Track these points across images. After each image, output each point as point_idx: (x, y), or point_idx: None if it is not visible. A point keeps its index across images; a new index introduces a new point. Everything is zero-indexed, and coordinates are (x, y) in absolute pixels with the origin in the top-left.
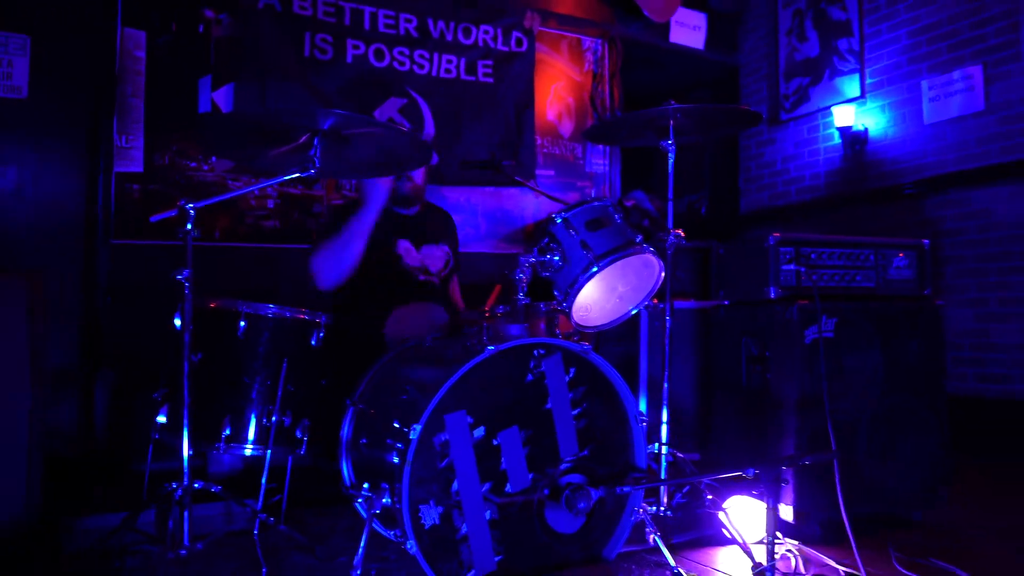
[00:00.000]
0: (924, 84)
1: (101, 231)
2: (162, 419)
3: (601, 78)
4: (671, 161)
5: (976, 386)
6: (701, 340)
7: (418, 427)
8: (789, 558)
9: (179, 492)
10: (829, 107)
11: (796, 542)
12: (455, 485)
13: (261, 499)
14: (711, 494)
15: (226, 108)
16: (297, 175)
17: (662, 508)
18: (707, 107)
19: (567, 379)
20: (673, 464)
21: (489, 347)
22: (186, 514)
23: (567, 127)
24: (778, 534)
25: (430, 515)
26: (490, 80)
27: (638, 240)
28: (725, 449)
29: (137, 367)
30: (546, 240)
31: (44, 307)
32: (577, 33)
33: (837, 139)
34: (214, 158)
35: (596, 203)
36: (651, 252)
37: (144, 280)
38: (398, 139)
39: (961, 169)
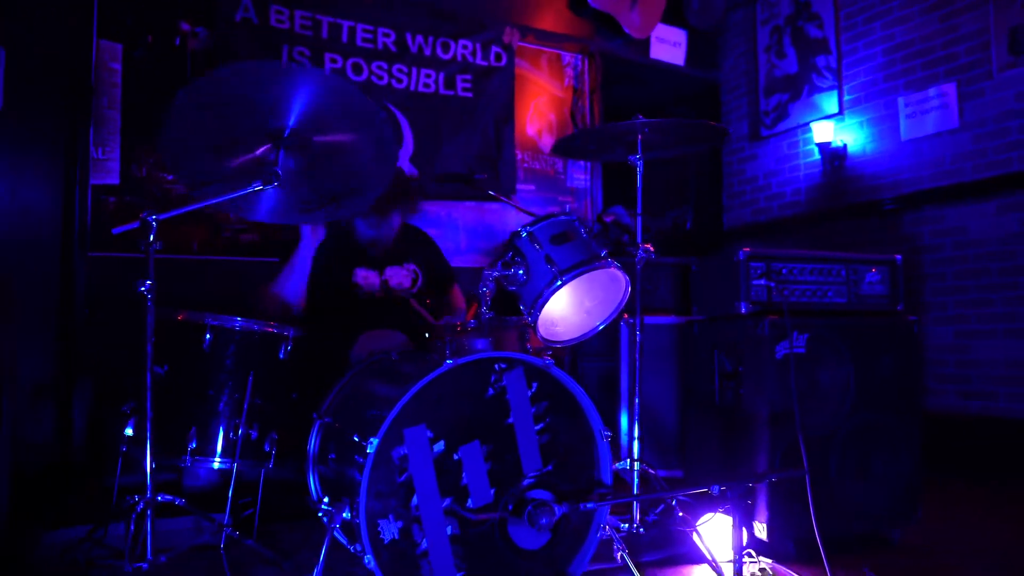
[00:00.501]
0: (900, 101)
1: (77, 243)
2: (129, 431)
3: (581, 93)
4: (639, 176)
5: (958, 403)
6: (682, 356)
7: (375, 440)
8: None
9: (140, 505)
10: (808, 123)
11: (770, 560)
12: (415, 500)
13: (227, 513)
14: (684, 512)
15: None
16: (260, 188)
17: (634, 526)
18: (674, 122)
19: (529, 394)
20: (645, 481)
21: (448, 361)
22: (148, 527)
23: (547, 142)
24: (751, 552)
25: (389, 530)
26: (469, 95)
27: (603, 254)
28: (701, 466)
29: (114, 379)
30: (511, 254)
31: (12, 315)
32: (557, 49)
33: (817, 155)
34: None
35: (562, 217)
36: (616, 267)
37: (120, 292)
38: (365, 136)
39: (936, 186)
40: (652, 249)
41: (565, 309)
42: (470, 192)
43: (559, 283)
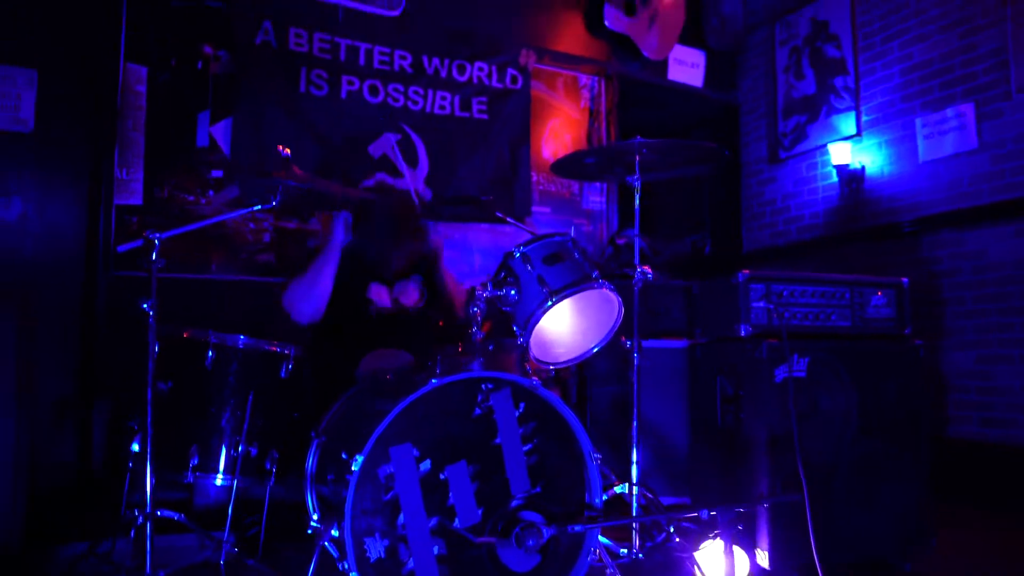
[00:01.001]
0: (918, 122)
1: (101, 263)
2: (136, 447)
3: (598, 115)
4: (637, 197)
5: (979, 430)
6: (689, 380)
7: (360, 458)
8: None
9: (140, 520)
10: (826, 145)
11: None
12: (401, 518)
13: (227, 530)
14: (683, 538)
15: (223, 142)
16: (259, 207)
17: (634, 551)
18: (671, 143)
19: (517, 414)
20: (646, 505)
21: (433, 380)
22: (148, 542)
23: None
24: None
25: (375, 548)
26: (485, 116)
27: (595, 275)
28: (705, 491)
29: (131, 397)
30: (503, 274)
31: (37, 336)
32: (573, 71)
33: (835, 177)
34: (211, 192)
35: (556, 238)
36: (609, 287)
37: (140, 312)
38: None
39: (954, 208)
40: (650, 271)
41: (561, 330)
42: (483, 214)
43: (550, 303)
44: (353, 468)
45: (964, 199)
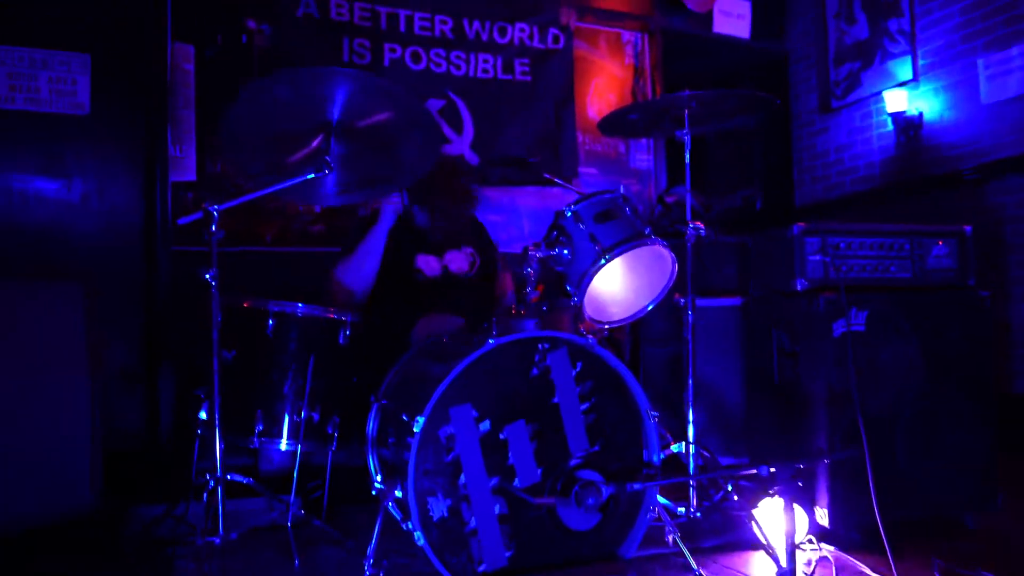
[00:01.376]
0: (980, 63)
1: (160, 238)
2: (203, 415)
3: (643, 72)
4: (687, 151)
5: None
6: (745, 336)
7: (421, 419)
8: (824, 564)
9: (211, 484)
10: (881, 92)
11: (832, 548)
12: (462, 478)
13: (293, 493)
14: (741, 496)
15: None
16: (312, 175)
17: (692, 510)
18: (720, 93)
19: (574, 373)
20: (703, 464)
21: (490, 340)
22: (219, 505)
23: None
24: (812, 539)
25: (438, 507)
26: (528, 78)
27: (647, 232)
28: (762, 449)
29: (195, 366)
30: (555, 234)
31: (103, 310)
32: (616, 27)
33: (890, 125)
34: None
35: (606, 195)
36: (662, 244)
37: (197, 282)
38: (410, 120)
39: (1021, 152)
40: (703, 227)
41: (614, 289)
42: (531, 177)
43: (603, 261)
44: (415, 429)
45: None
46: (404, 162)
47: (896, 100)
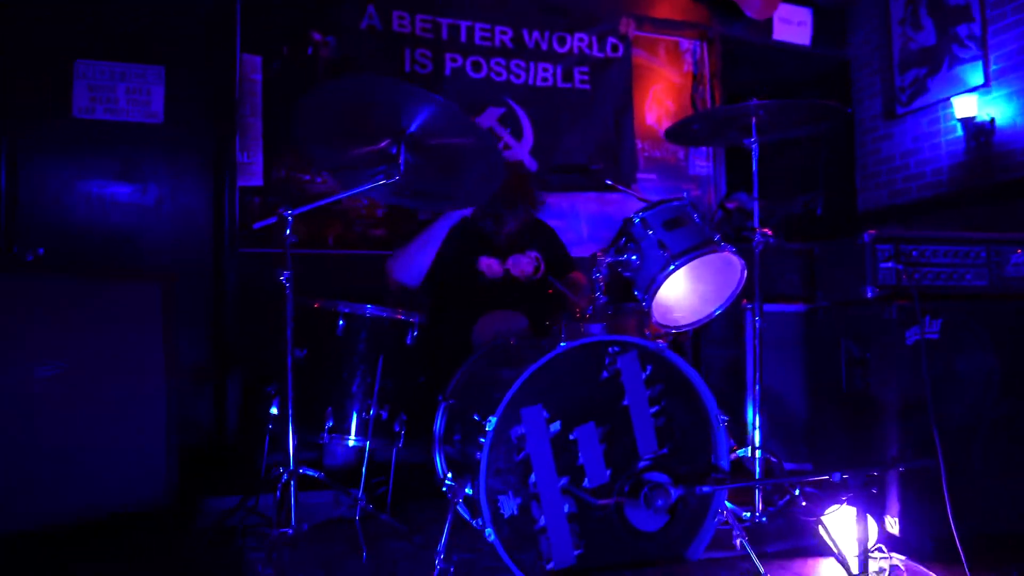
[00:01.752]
0: None
1: (228, 241)
2: (274, 411)
3: (701, 79)
4: (755, 159)
5: None
6: (809, 344)
7: (494, 419)
8: (896, 573)
9: (284, 477)
10: (949, 98)
11: (903, 557)
12: (533, 477)
13: (361, 488)
14: (808, 502)
15: None
16: (383, 182)
17: (757, 515)
18: (788, 103)
19: (643, 376)
20: (768, 469)
21: (562, 344)
22: (292, 498)
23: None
24: (883, 547)
25: (509, 505)
26: (587, 87)
27: (716, 239)
28: (828, 456)
29: (262, 365)
30: (624, 240)
31: (177, 309)
32: (674, 36)
33: (959, 131)
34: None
35: (674, 203)
36: (731, 251)
37: (266, 284)
38: (479, 144)
39: None
40: (771, 234)
41: (681, 294)
42: (590, 183)
43: (672, 267)
44: (487, 429)
45: None
46: (464, 185)
47: (966, 106)
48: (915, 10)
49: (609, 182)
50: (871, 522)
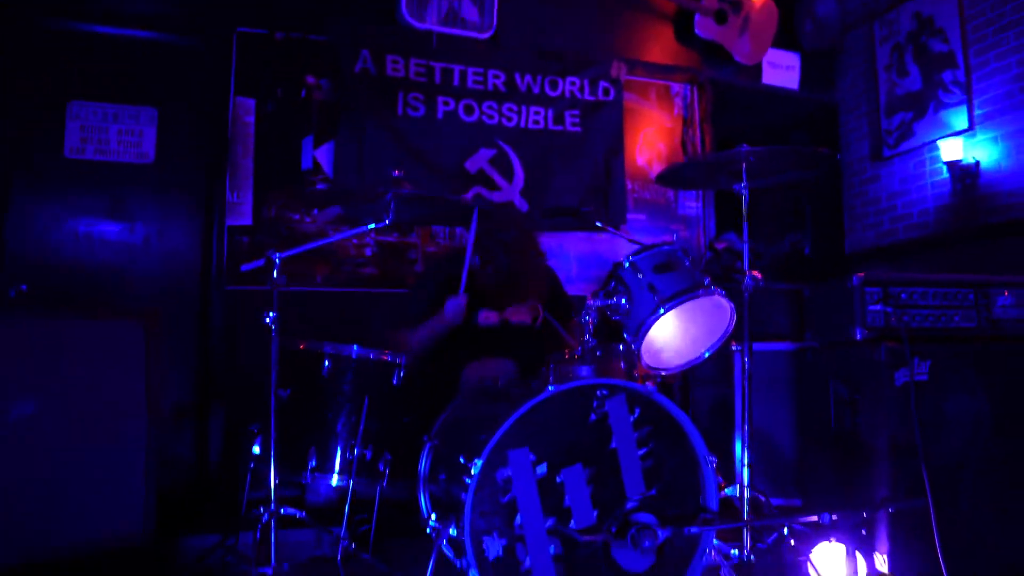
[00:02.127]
0: None
1: (215, 279)
2: (256, 449)
3: (691, 123)
4: (745, 204)
5: None
6: (798, 383)
7: (479, 462)
8: None
9: (265, 517)
10: (935, 141)
11: None
12: (518, 519)
13: (344, 527)
14: (796, 541)
15: (326, 164)
16: (373, 227)
17: (745, 553)
18: (778, 149)
19: (632, 419)
20: (756, 508)
21: (550, 387)
22: (272, 536)
23: (658, 172)
24: None
25: (493, 547)
26: (578, 129)
27: (706, 282)
28: (818, 495)
29: (247, 403)
30: (614, 283)
31: (160, 347)
32: (665, 80)
33: (945, 173)
34: (316, 211)
35: (665, 247)
36: (720, 294)
37: (251, 322)
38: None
39: None
40: (760, 276)
41: (670, 337)
42: (580, 224)
43: (662, 311)
44: (473, 471)
45: None
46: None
47: (952, 149)
48: (901, 56)
49: (599, 224)
50: (860, 561)
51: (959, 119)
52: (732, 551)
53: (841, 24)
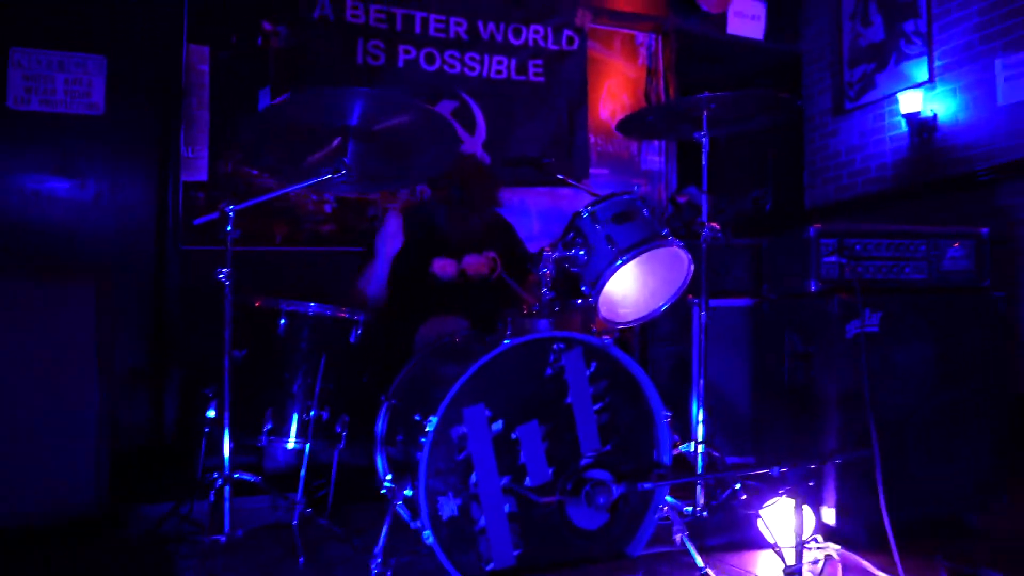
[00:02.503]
0: (998, 64)
1: (171, 238)
2: (211, 413)
3: (656, 73)
4: (704, 153)
5: None
6: (755, 338)
7: (434, 419)
8: (830, 562)
9: (219, 482)
10: (895, 94)
11: (838, 547)
12: (473, 477)
13: (300, 491)
14: (749, 495)
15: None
16: (329, 176)
17: (698, 509)
18: (738, 95)
19: (588, 373)
20: (711, 464)
21: (505, 341)
22: (226, 503)
23: None
24: (818, 538)
25: (448, 506)
26: (541, 79)
27: (664, 233)
28: (771, 450)
29: (203, 366)
30: (572, 235)
31: (113, 308)
32: (630, 29)
33: (904, 127)
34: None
35: (624, 196)
36: (679, 245)
37: (209, 283)
38: (426, 125)
39: None
40: (719, 228)
41: (628, 289)
42: (543, 178)
43: (619, 262)
44: (427, 429)
45: None
46: (419, 162)
47: (911, 101)
48: (865, 6)
49: (561, 176)
50: (809, 513)
51: (919, 71)
52: (686, 508)
53: None
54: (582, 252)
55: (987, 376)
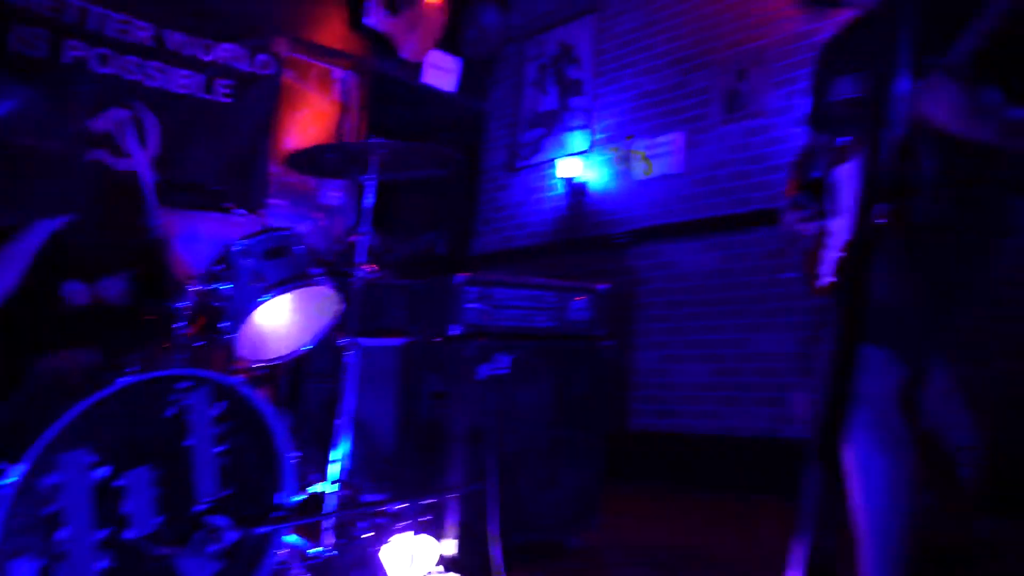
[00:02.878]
0: (640, 144)
1: None
2: None
3: (349, 110)
4: (370, 195)
5: (655, 422)
6: (403, 377)
7: (16, 470)
8: None
9: None
10: (557, 159)
11: (458, 575)
12: (62, 533)
13: None
14: (379, 532)
15: None
16: None
17: (328, 548)
18: (408, 145)
19: (214, 414)
20: (347, 502)
21: (117, 380)
22: None
23: None
24: (440, 568)
25: (25, 571)
26: (229, 100)
27: (313, 272)
28: (406, 485)
29: None
30: (222, 267)
31: None
32: (328, 63)
33: (562, 189)
34: None
35: (278, 232)
36: (328, 284)
37: None
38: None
39: (657, 224)
40: (377, 269)
41: (278, 326)
42: (211, 203)
43: (263, 298)
44: (4, 482)
45: (670, 216)
46: (43, 190)
47: (569, 167)
48: (543, 77)
49: (227, 205)
50: (432, 544)
51: (580, 141)
52: (313, 549)
53: (503, 37)
54: (230, 286)
55: (591, 414)
